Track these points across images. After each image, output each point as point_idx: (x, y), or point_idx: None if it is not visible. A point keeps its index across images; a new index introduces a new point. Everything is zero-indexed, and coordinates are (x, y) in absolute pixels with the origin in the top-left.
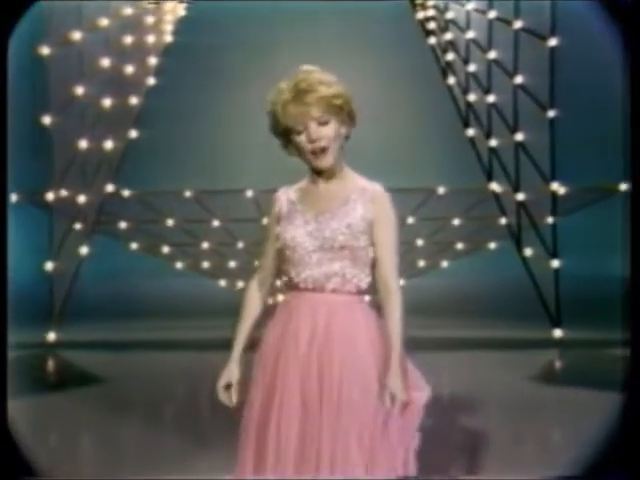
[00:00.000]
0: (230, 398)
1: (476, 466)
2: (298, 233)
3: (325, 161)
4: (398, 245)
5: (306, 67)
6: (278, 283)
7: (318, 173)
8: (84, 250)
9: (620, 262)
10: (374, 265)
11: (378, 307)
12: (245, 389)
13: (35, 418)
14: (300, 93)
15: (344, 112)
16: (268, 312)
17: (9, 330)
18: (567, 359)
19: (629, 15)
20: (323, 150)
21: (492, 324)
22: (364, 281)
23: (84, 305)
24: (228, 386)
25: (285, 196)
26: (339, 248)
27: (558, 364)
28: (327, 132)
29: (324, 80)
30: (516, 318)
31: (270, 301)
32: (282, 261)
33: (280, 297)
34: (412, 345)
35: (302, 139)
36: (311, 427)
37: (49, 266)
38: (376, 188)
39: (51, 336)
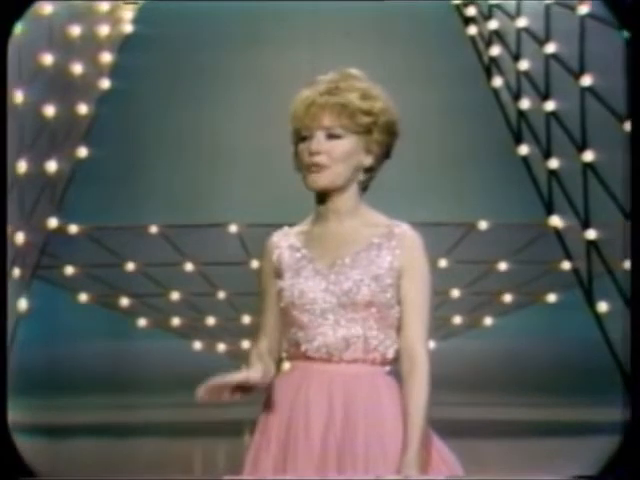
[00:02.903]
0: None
1: None
2: (308, 287)
3: (319, 180)
4: (431, 303)
5: (350, 70)
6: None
7: (323, 206)
8: (23, 304)
9: None
10: (399, 327)
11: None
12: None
13: None
14: (320, 92)
15: (372, 136)
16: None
17: None
18: None
19: (632, 16)
20: (321, 168)
21: (550, 401)
22: (391, 348)
23: (22, 376)
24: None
25: (285, 241)
26: (364, 305)
27: None
28: (335, 148)
29: (360, 89)
30: (584, 393)
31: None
32: (285, 324)
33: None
34: (444, 430)
35: (304, 148)
36: None
37: None
38: (404, 229)
39: None
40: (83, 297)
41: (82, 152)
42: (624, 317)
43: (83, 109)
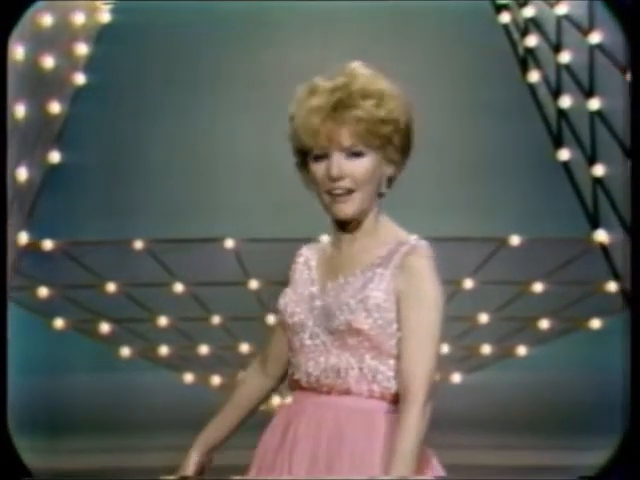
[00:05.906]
0: None
1: None
2: (299, 308)
3: (346, 209)
4: (438, 334)
5: (355, 64)
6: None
7: (340, 224)
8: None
9: None
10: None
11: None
12: None
13: None
14: (332, 104)
15: (392, 144)
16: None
17: None
18: None
19: (632, 16)
20: (347, 192)
21: (599, 444)
22: (394, 382)
23: None
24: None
25: (305, 256)
26: (348, 333)
27: None
28: (357, 169)
29: (372, 90)
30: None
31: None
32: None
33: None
34: (470, 477)
35: (319, 169)
36: None
37: None
38: (411, 246)
39: None
40: (58, 323)
41: (55, 157)
42: None
43: (56, 108)
